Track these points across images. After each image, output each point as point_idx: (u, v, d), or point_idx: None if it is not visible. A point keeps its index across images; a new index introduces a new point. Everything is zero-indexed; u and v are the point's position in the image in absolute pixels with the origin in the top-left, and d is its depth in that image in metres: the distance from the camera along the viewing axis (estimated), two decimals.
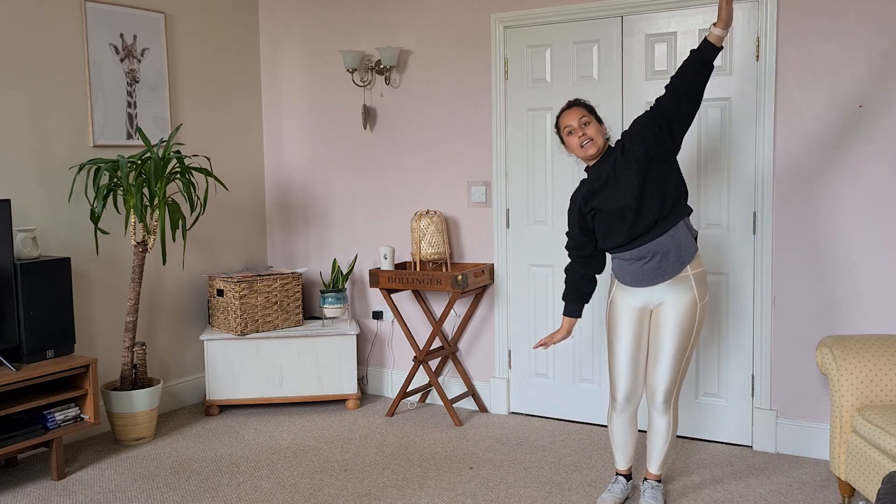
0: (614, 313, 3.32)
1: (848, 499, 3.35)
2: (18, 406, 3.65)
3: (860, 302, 3.78)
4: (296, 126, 5.30)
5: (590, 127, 3.18)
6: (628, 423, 3.40)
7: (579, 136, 3.18)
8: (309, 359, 4.78)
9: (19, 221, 4.00)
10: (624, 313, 3.29)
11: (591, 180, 3.25)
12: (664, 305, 3.22)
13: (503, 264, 4.64)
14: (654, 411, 3.31)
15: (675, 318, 3.19)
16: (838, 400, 3.26)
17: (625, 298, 3.29)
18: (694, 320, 3.21)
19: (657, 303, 3.24)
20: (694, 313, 3.20)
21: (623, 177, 3.14)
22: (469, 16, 4.61)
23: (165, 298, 4.83)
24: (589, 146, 3.17)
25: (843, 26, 3.71)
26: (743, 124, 3.97)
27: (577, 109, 3.23)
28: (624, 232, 3.14)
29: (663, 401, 3.27)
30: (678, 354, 3.22)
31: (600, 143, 3.19)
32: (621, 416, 3.38)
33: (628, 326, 3.29)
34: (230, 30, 5.17)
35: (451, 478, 3.77)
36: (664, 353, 3.22)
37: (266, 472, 3.87)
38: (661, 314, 3.23)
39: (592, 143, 3.17)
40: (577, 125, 3.18)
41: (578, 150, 3.19)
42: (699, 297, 3.20)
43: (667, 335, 3.21)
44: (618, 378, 3.33)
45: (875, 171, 3.71)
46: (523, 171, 4.54)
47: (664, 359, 3.23)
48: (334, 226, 5.22)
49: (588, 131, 3.17)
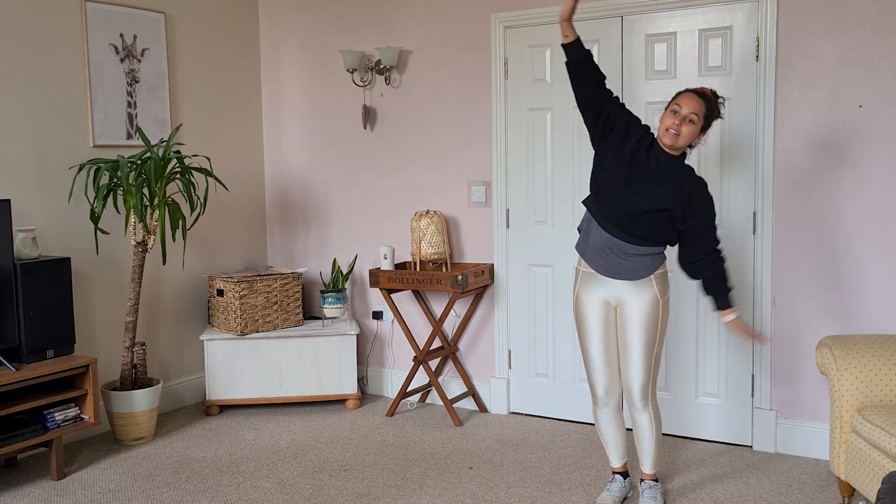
0: (581, 308, 3.34)
1: (848, 499, 3.35)
2: (18, 406, 3.65)
3: (860, 302, 3.78)
4: (296, 126, 5.30)
5: (688, 126, 3.06)
6: (614, 418, 3.41)
7: (675, 122, 3.06)
8: (309, 359, 4.78)
9: (19, 221, 4.00)
10: (591, 307, 3.31)
11: (654, 150, 3.12)
12: (627, 305, 3.24)
13: (503, 264, 4.64)
14: (633, 410, 3.34)
15: (640, 316, 3.23)
16: (838, 400, 3.25)
17: (588, 292, 3.30)
18: (657, 316, 3.24)
19: (619, 301, 3.26)
20: (657, 309, 3.23)
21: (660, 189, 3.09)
22: (469, 16, 4.61)
23: (165, 298, 4.83)
24: (670, 136, 3.07)
25: (843, 26, 3.71)
26: (743, 124, 3.97)
27: (698, 103, 3.07)
28: (618, 218, 3.12)
29: (640, 398, 3.29)
30: (647, 350, 3.25)
31: (682, 144, 3.09)
32: (604, 410, 3.40)
33: (596, 320, 3.31)
34: (230, 30, 5.17)
35: (451, 478, 3.77)
36: (633, 351, 3.26)
37: (266, 472, 3.87)
38: (624, 313, 3.26)
39: (674, 137, 3.06)
40: (685, 115, 3.05)
41: (662, 130, 3.10)
42: (660, 293, 3.23)
43: (633, 333, 3.24)
44: (595, 373, 3.36)
45: (875, 171, 3.71)
46: (523, 171, 4.54)
47: (634, 356, 3.26)
48: (334, 226, 5.22)
49: (684, 128, 3.06)
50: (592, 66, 3.18)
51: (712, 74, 4.00)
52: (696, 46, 4.03)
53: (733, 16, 3.94)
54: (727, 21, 3.95)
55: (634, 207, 3.11)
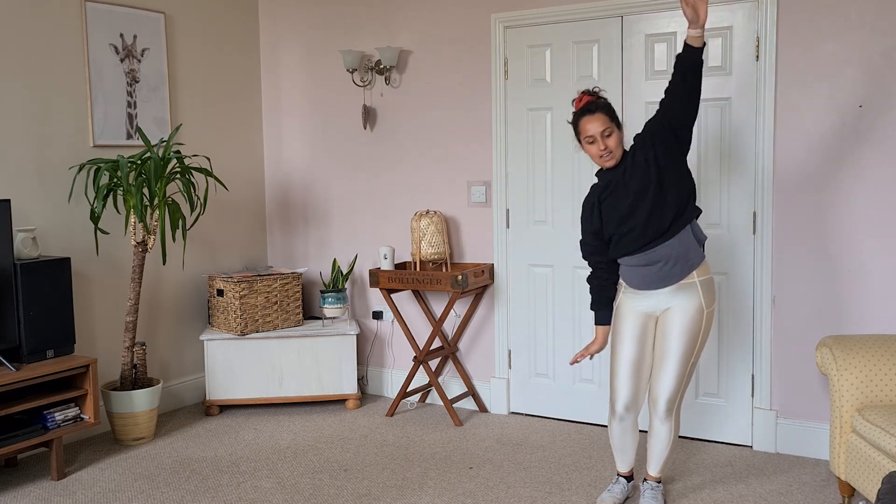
0: (619, 318, 3.30)
1: (848, 499, 3.35)
2: (18, 406, 3.65)
3: (860, 302, 3.77)
4: (296, 126, 5.30)
5: (611, 138, 3.10)
6: (630, 431, 3.37)
7: (601, 148, 3.10)
8: (309, 359, 4.78)
9: (19, 221, 4.00)
10: (629, 318, 3.27)
11: (601, 187, 3.22)
12: (670, 311, 3.20)
13: (503, 264, 4.64)
14: (655, 419, 3.28)
15: (682, 325, 3.17)
16: (838, 400, 3.25)
17: (630, 303, 3.27)
18: (700, 327, 3.18)
19: (663, 308, 3.22)
20: (700, 320, 3.18)
21: (632, 183, 3.12)
22: (469, 16, 4.61)
23: (165, 298, 4.83)
24: (608, 158, 3.12)
25: (843, 26, 3.71)
26: (743, 124, 3.97)
27: (600, 118, 3.10)
28: (634, 238, 3.13)
29: (666, 409, 3.24)
30: (683, 360, 3.20)
31: (619, 154, 3.14)
32: (621, 424, 3.35)
33: (633, 331, 3.26)
34: (230, 30, 5.17)
35: (451, 478, 3.77)
36: (669, 359, 3.20)
37: (266, 472, 3.87)
38: (667, 320, 3.21)
39: (612, 156, 3.12)
40: (599, 137, 3.09)
41: (597, 159, 3.14)
42: (706, 303, 3.18)
43: (672, 340, 3.19)
44: (619, 385, 3.30)
45: (875, 170, 3.71)
46: (523, 171, 4.54)
47: (669, 364, 3.20)
48: (334, 226, 5.22)
49: (609, 143, 3.10)
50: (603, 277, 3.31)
51: (712, 74, 4.00)
52: None
53: (733, 16, 3.94)
54: (727, 21, 3.95)
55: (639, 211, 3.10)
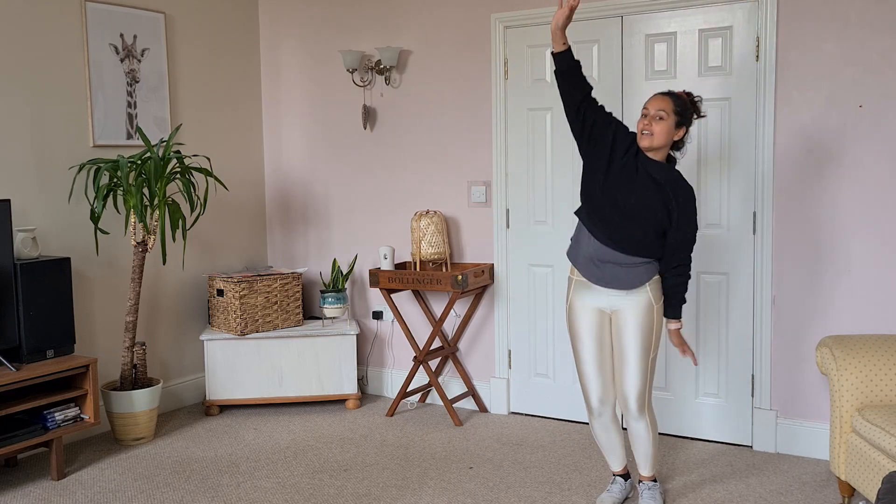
0: (574, 317, 3.31)
1: (848, 499, 3.35)
2: (18, 406, 3.65)
3: (860, 302, 3.77)
4: (296, 126, 5.30)
5: (660, 123, 3.07)
6: (610, 425, 3.38)
7: (644, 123, 3.09)
8: (309, 359, 4.78)
9: (19, 221, 4.00)
10: (584, 316, 3.28)
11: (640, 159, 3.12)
12: (621, 312, 3.21)
13: (503, 264, 4.64)
14: (630, 419, 3.31)
15: (635, 323, 3.19)
16: (838, 400, 3.25)
17: (583, 299, 3.28)
18: (652, 322, 3.20)
19: (614, 308, 3.24)
20: (651, 314, 3.20)
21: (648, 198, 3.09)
22: (469, 16, 4.61)
23: (165, 298, 4.83)
24: (644, 138, 3.09)
25: (843, 26, 3.71)
26: (743, 124, 3.97)
27: (664, 100, 3.10)
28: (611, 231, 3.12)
29: (637, 407, 3.25)
30: (643, 358, 3.22)
31: (658, 143, 3.08)
32: (600, 420, 3.36)
33: (589, 330, 3.27)
34: (230, 30, 5.17)
35: (451, 478, 3.77)
36: (629, 358, 3.22)
37: (266, 472, 3.87)
38: (619, 321, 3.23)
39: (648, 138, 3.08)
40: (652, 114, 3.08)
41: (638, 135, 3.12)
42: (654, 299, 3.20)
43: (629, 341, 3.21)
44: (588, 383, 3.32)
45: (875, 170, 3.71)
46: (523, 171, 4.54)
47: (630, 364, 3.22)
48: (334, 226, 5.22)
49: (655, 126, 3.07)
50: (581, 75, 3.16)
51: (712, 74, 4.00)
52: (695, 46, 4.03)
53: (733, 16, 3.94)
54: (727, 21, 3.96)
55: (626, 218, 3.10)
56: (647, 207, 3.09)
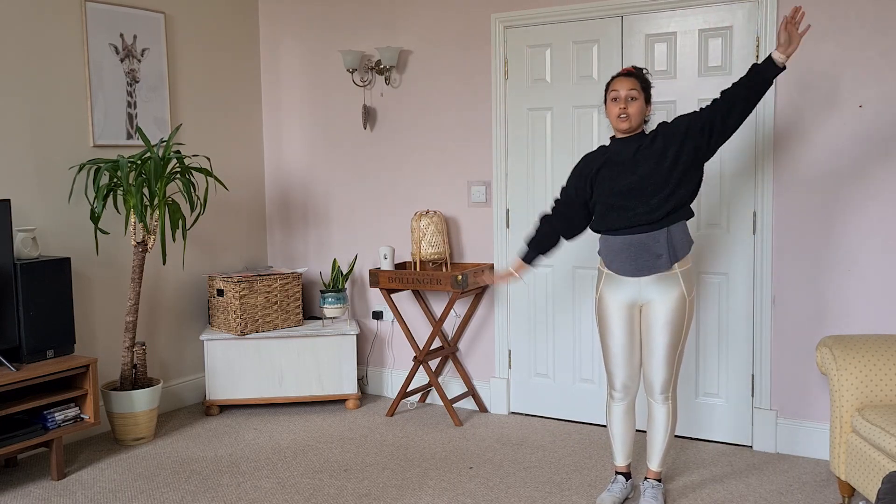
0: (603, 310, 3.34)
1: (848, 499, 3.35)
2: (18, 406, 3.65)
3: (860, 302, 3.78)
4: (296, 126, 5.30)
5: (634, 104, 3.15)
6: (626, 414, 3.41)
7: (620, 107, 3.15)
8: (309, 359, 4.78)
9: (19, 221, 4.00)
10: (614, 312, 3.31)
11: (611, 152, 3.25)
12: (653, 303, 3.24)
13: (503, 264, 4.64)
14: (652, 402, 3.34)
15: (665, 315, 3.22)
16: (838, 400, 3.26)
17: (613, 294, 3.30)
18: (683, 315, 3.23)
19: (645, 300, 3.25)
20: (683, 308, 3.22)
21: (642, 165, 3.15)
22: (469, 16, 4.61)
23: (165, 298, 4.83)
24: (625, 120, 3.15)
25: (843, 26, 3.71)
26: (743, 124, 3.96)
27: (631, 80, 3.17)
28: (627, 216, 3.16)
29: (661, 391, 3.30)
30: (671, 350, 3.25)
31: (635, 123, 3.17)
32: (619, 405, 3.40)
33: (619, 322, 3.31)
34: (230, 30, 5.17)
35: (451, 478, 3.77)
36: (657, 350, 3.25)
37: (266, 472, 3.87)
38: (650, 312, 3.25)
39: (628, 120, 3.15)
40: (624, 96, 3.15)
41: (614, 119, 3.18)
42: (686, 291, 3.22)
43: (658, 332, 3.24)
44: (614, 368, 3.36)
45: (875, 170, 3.70)
46: (523, 171, 4.54)
47: (658, 355, 3.26)
48: (334, 226, 5.22)
49: (630, 108, 3.14)
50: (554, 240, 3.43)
51: (712, 74, 4.00)
52: (696, 46, 4.03)
53: (733, 16, 3.94)
54: (727, 21, 3.96)
55: (636, 192, 3.14)
56: (650, 168, 3.13)
